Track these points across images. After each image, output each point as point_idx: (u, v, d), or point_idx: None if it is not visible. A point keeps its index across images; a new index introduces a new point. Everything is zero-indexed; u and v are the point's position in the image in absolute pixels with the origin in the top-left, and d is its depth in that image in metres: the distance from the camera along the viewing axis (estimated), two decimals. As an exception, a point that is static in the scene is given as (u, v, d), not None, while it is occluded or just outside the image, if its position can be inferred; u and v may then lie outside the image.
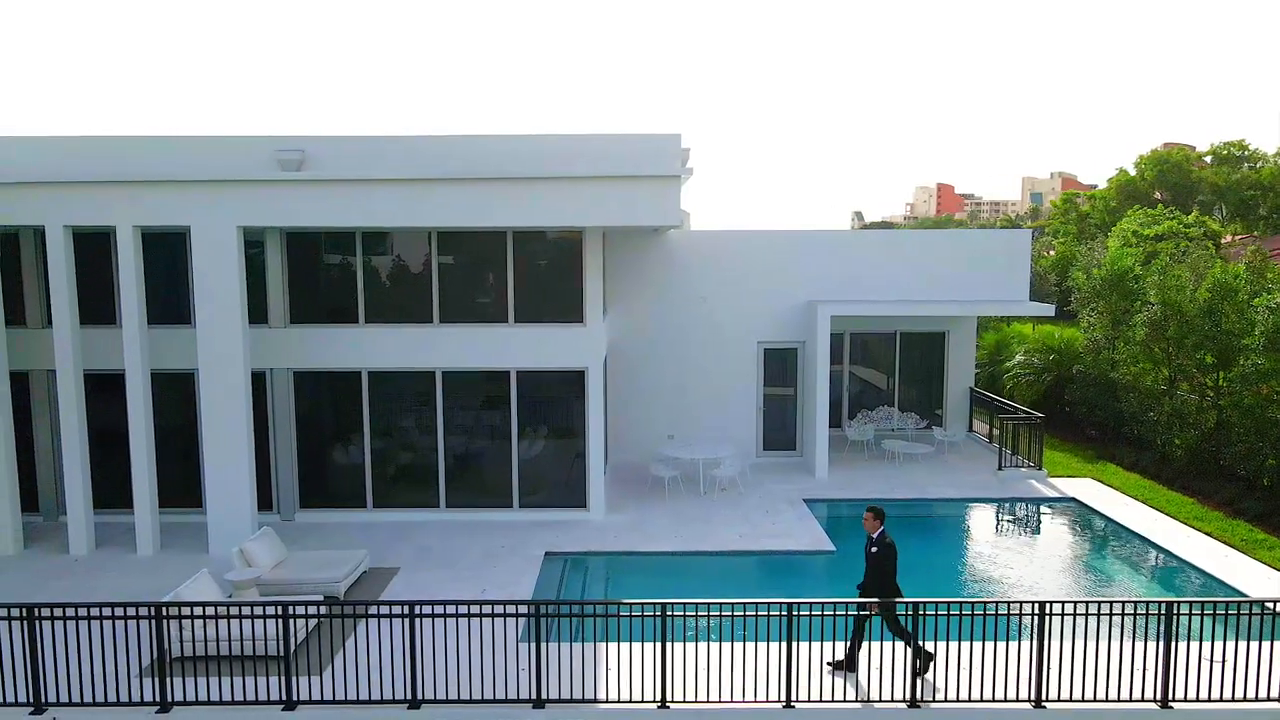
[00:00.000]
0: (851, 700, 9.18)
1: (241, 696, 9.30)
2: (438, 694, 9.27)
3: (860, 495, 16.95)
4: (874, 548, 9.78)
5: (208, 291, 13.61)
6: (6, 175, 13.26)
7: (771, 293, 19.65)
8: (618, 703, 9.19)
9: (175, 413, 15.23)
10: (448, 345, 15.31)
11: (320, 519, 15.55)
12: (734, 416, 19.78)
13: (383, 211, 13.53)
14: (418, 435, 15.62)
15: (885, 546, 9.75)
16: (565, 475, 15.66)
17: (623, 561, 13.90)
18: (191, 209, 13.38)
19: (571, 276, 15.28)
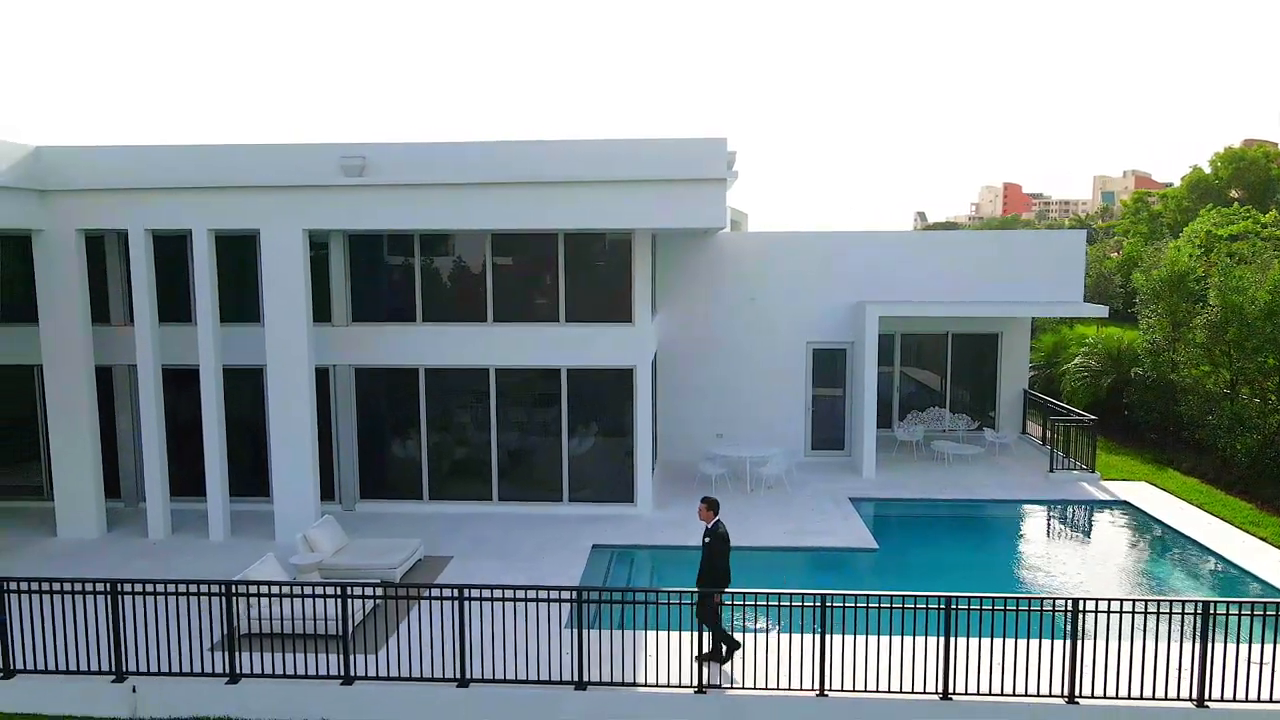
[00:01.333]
0: (884, 691, 9.39)
1: (304, 671, 9.90)
2: (485, 674, 9.76)
3: (908, 495, 17.05)
4: (707, 538, 10.05)
5: (276, 291, 14.35)
6: (92, 182, 14.16)
7: (820, 293, 19.80)
8: (656, 686, 9.55)
9: (245, 406, 16.04)
10: (501, 344, 15.85)
11: (379, 509, 16.22)
12: (782, 416, 19.97)
13: (440, 214, 14.11)
14: (472, 431, 16.19)
15: (717, 538, 10.01)
16: (614, 471, 16.07)
17: (668, 555, 14.24)
18: (261, 213, 14.13)
19: (621, 277, 15.69)
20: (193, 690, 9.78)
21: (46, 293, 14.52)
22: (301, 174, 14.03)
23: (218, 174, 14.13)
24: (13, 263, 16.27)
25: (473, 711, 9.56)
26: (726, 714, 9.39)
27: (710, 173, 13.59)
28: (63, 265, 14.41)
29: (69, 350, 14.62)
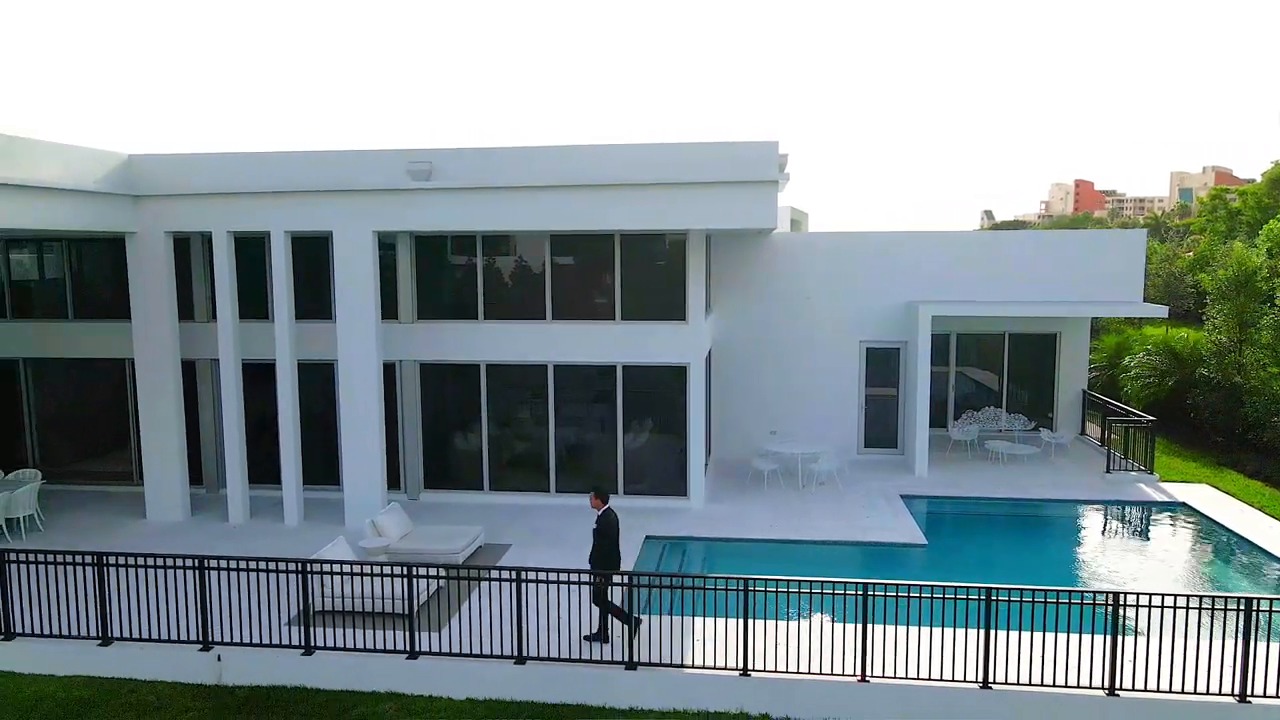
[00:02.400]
0: (924, 678, 9.65)
1: (372, 645, 10.56)
2: (541, 652, 10.29)
3: (960, 493, 17.14)
4: (595, 525, 10.69)
5: (347, 290, 15.13)
6: (180, 188, 15.10)
7: (874, 293, 19.95)
8: (703, 668, 9.96)
9: (316, 399, 16.90)
10: (559, 341, 16.41)
11: (441, 499, 16.93)
12: (835, 414, 20.17)
13: (501, 216, 14.72)
14: (531, 425, 16.79)
15: (604, 524, 10.65)
16: (667, 465, 16.51)
17: (719, 547, 14.63)
18: (334, 216, 14.92)
19: (675, 276, 16.12)
20: (271, 660, 10.51)
21: (138, 291, 15.53)
22: (372, 179, 14.76)
23: (294, 179, 14.94)
24: (105, 263, 17.40)
25: (529, 687, 10.09)
26: (770, 696, 9.75)
27: (762, 175, 13.94)
28: (153, 265, 15.40)
29: (158, 345, 15.62)
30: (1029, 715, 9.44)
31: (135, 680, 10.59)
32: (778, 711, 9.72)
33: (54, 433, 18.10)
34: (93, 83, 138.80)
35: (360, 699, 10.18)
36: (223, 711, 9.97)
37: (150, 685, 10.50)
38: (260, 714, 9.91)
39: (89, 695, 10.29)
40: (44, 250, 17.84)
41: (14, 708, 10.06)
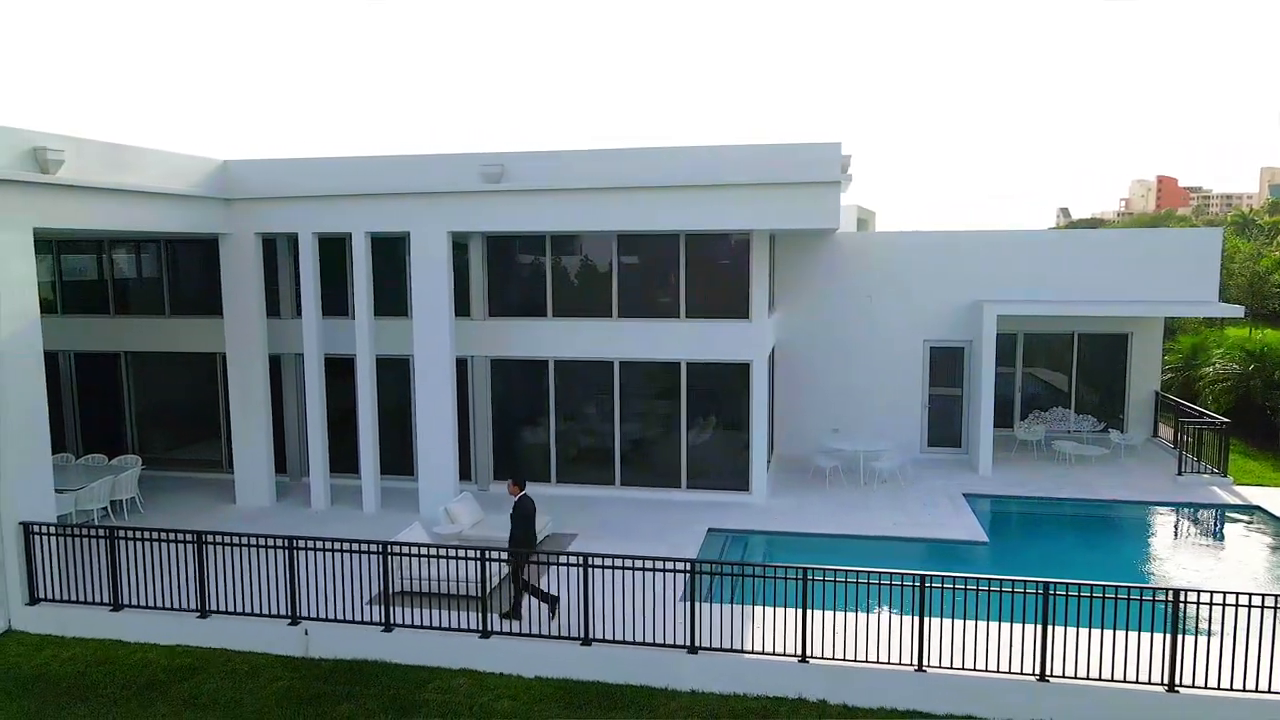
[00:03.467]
0: (980, 669, 9.82)
1: (447, 624, 11.15)
2: (606, 635, 10.74)
3: (1024, 493, 17.10)
4: (511, 510, 11.55)
5: (422, 288, 15.82)
6: (269, 191, 15.98)
7: (939, 292, 19.95)
8: (762, 654, 10.30)
9: (392, 393, 17.66)
10: (625, 338, 16.87)
11: (512, 490, 17.51)
12: (898, 413, 20.22)
13: (570, 217, 15.24)
14: (597, 419, 17.29)
15: (519, 509, 11.55)
16: (730, 460, 16.84)
17: (779, 541, 14.91)
18: (412, 217, 15.63)
19: (739, 275, 16.44)
20: (353, 635, 11.18)
21: (230, 289, 16.48)
22: (447, 181, 15.41)
23: (375, 183, 15.69)
24: (196, 263, 18.46)
25: (594, 668, 10.55)
26: (828, 682, 10.02)
27: (825, 176, 14.18)
28: (243, 265, 16.32)
29: (247, 340, 16.54)
30: (1086, 709, 9.54)
31: (230, 650, 11.37)
32: (835, 698, 10.00)
33: (151, 422, 19.27)
34: (181, 89, 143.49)
35: (436, 674, 10.77)
36: (310, 681, 10.66)
37: (244, 655, 11.26)
38: (344, 685, 10.57)
39: (190, 662, 11.10)
40: (141, 250, 19.00)
41: (120, 673, 10.91)
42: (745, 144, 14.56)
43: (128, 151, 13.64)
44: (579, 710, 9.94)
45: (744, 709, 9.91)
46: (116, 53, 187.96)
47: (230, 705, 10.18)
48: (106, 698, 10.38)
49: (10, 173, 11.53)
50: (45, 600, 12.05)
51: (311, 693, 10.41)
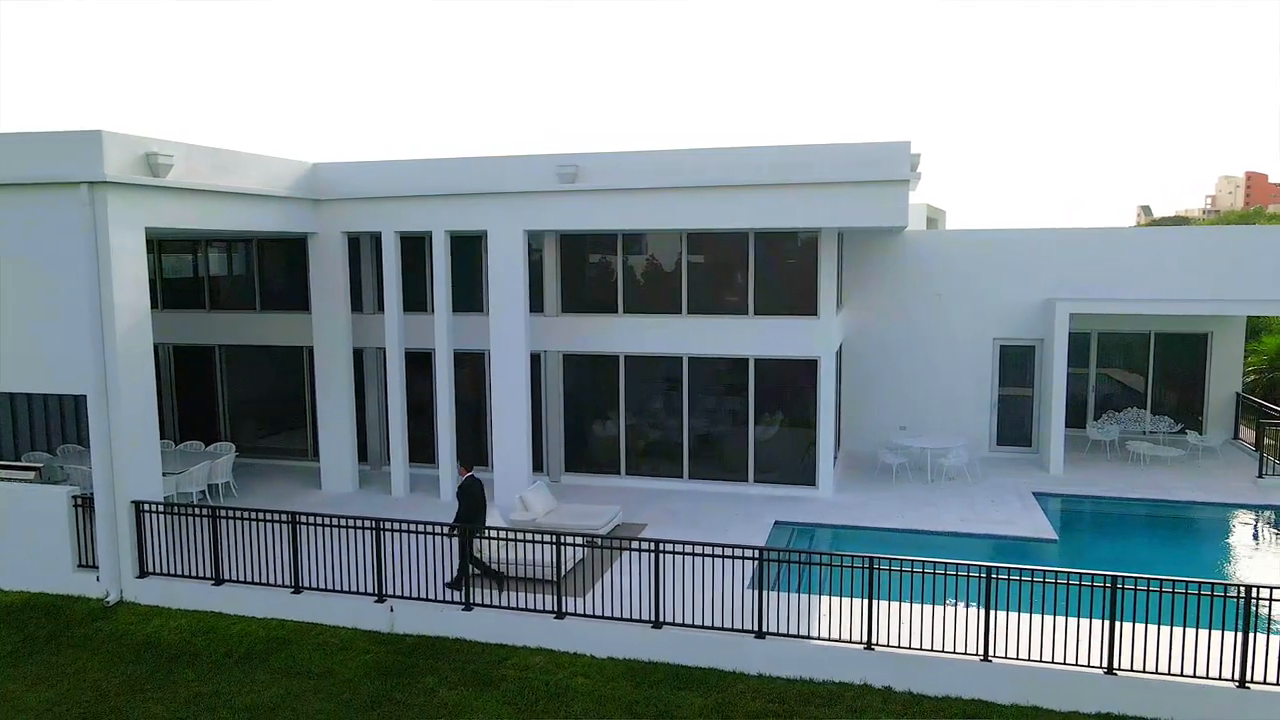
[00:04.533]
0: (1047, 661, 9.93)
1: (524, 605, 11.67)
2: (676, 618, 11.13)
3: (1096, 493, 16.94)
4: (457, 488, 12.38)
5: (499, 285, 16.42)
6: (355, 192, 16.76)
7: (1009, 290, 19.83)
8: (828, 640, 10.57)
9: (468, 386, 18.33)
10: (694, 334, 17.24)
11: (580, 482, 18.05)
12: (966, 410, 20.16)
13: (642, 216, 15.65)
14: (665, 414, 17.69)
15: (463, 488, 12.27)
16: (797, 455, 17.07)
17: (845, 534, 15.09)
18: (490, 217, 16.23)
19: (807, 272, 16.66)
20: (435, 613, 11.78)
21: (317, 286, 17.32)
22: (523, 182, 15.97)
23: (454, 183, 16.33)
24: (283, 260, 19.40)
25: (665, 649, 10.94)
26: (893, 670, 10.24)
27: (893, 175, 14.32)
28: (331, 263, 17.14)
29: (333, 334, 17.36)
30: (1154, 702, 9.57)
31: (322, 625, 12.08)
32: (900, 685, 10.21)
33: (242, 411, 20.32)
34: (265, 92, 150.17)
35: (513, 652, 11.29)
36: (396, 655, 11.28)
37: (334, 630, 11.96)
38: (427, 659, 11.16)
39: (285, 635, 11.83)
40: (232, 249, 20.04)
41: (222, 642, 11.70)
42: (815, 144, 14.78)
43: (228, 156, 14.51)
44: (650, 689, 10.34)
45: (810, 693, 10.19)
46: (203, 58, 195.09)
47: (323, 675, 10.85)
48: (210, 664, 11.16)
49: (126, 176, 12.43)
50: (153, 574, 12.95)
51: (397, 665, 11.03)
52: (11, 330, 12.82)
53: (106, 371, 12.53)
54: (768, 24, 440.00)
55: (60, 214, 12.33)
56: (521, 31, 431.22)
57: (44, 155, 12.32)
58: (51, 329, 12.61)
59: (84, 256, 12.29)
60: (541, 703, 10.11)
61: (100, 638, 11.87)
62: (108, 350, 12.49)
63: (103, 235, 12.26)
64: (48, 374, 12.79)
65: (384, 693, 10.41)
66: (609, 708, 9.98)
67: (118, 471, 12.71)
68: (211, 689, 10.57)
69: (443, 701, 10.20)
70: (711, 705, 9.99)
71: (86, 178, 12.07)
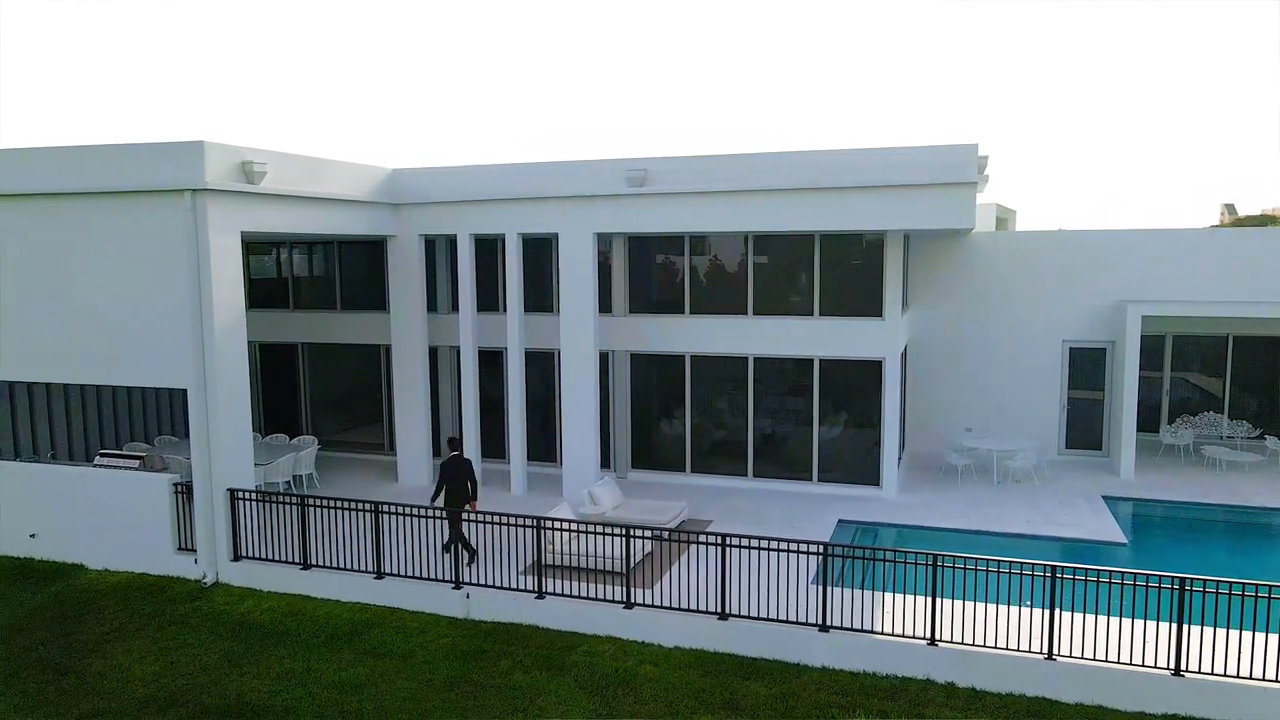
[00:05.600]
0: (1112, 661, 9.98)
1: (594, 595, 12.11)
2: (741, 611, 11.44)
3: (1168, 497, 16.72)
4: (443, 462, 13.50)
5: (569, 286, 16.92)
6: (432, 196, 17.43)
7: (1079, 292, 19.62)
8: (892, 635, 10.76)
9: (537, 384, 18.88)
10: (759, 334, 17.50)
11: (646, 478, 18.46)
12: (1034, 413, 20.00)
13: (709, 218, 15.97)
14: (730, 413, 17.98)
15: (444, 464, 13.39)
16: (861, 455, 17.21)
17: (909, 534, 15.20)
18: (560, 220, 16.74)
19: (873, 274, 16.79)
20: (509, 601, 12.29)
21: (396, 287, 18.04)
22: (593, 185, 16.43)
23: (526, 187, 16.88)
24: (362, 262, 20.21)
25: (730, 640, 11.26)
26: (956, 666, 10.39)
27: (961, 177, 14.39)
28: (408, 264, 17.85)
29: (410, 333, 18.07)
30: (1223, 704, 9.56)
31: (402, 609, 12.69)
32: (963, 681, 10.36)
33: (323, 406, 21.22)
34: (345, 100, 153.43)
35: (583, 639, 11.73)
36: (472, 639, 11.81)
37: (414, 614, 12.55)
38: (502, 643, 11.67)
39: (368, 618, 12.47)
40: (313, 251, 20.94)
41: (309, 623, 12.38)
42: (881, 147, 14.92)
43: (315, 163, 15.26)
44: (716, 678, 10.68)
45: (873, 686, 10.41)
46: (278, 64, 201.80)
47: (404, 656, 11.44)
48: (300, 643, 11.84)
49: (224, 184, 13.23)
50: (246, 558, 13.74)
51: (474, 649, 11.56)
52: (119, 327, 13.73)
53: (205, 367, 13.35)
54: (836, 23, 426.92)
55: (165, 219, 13.19)
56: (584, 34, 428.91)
57: (150, 164, 13.18)
58: (156, 326, 13.48)
59: (186, 259, 13.12)
60: (611, 688, 10.52)
61: (199, 616, 12.68)
62: (207, 347, 13.31)
63: (203, 239, 13.08)
64: (152, 369, 13.67)
65: (462, 674, 10.94)
66: (676, 694, 10.34)
67: (215, 461, 13.52)
68: (302, 666, 11.23)
69: (517, 684, 10.68)
70: (776, 695, 10.28)
71: (190, 185, 12.89)
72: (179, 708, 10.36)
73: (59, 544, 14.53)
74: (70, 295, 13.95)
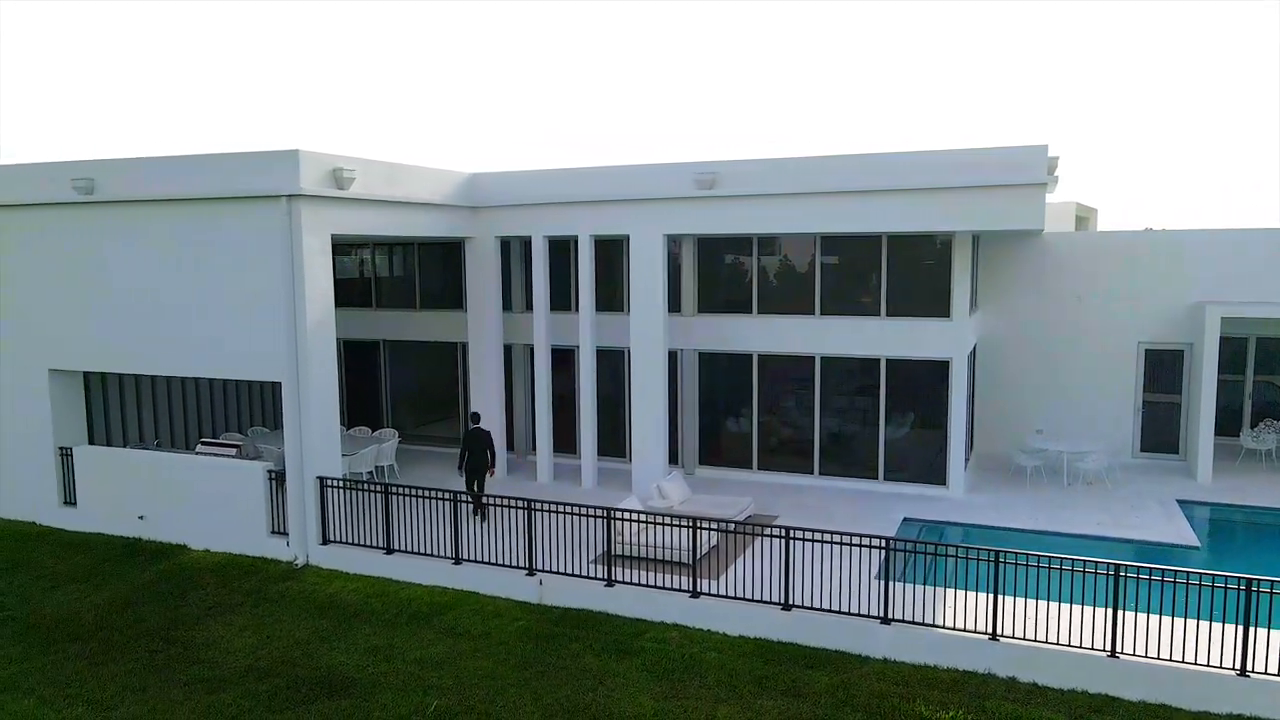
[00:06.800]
0: (1176, 660, 10.01)
1: (662, 584, 12.55)
2: (805, 602, 11.75)
3: (1248, 502, 16.40)
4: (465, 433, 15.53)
5: (639, 286, 17.40)
6: (508, 199, 18.10)
7: (1154, 293, 19.32)
8: (953, 629, 10.96)
9: (607, 382, 19.42)
10: (826, 334, 17.73)
11: (714, 475, 18.84)
12: (1106, 415, 19.75)
13: (778, 220, 16.27)
14: (797, 411, 18.25)
15: (465, 434, 15.56)
16: (927, 454, 17.30)
17: (975, 533, 15.26)
18: (631, 222, 17.24)
19: (940, 274, 16.87)
20: (580, 588, 12.82)
21: (473, 287, 18.79)
22: (663, 188, 16.88)
23: (598, 190, 17.42)
24: (439, 263, 21.04)
25: (793, 631, 11.59)
26: (1018, 661, 10.53)
27: (1030, 178, 14.42)
28: (485, 265, 18.57)
29: (486, 331, 18.79)
30: (1291, 707, 9.53)
31: (478, 593, 13.34)
32: (1024, 676, 10.50)
33: (402, 401, 22.15)
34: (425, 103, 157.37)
35: (650, 626, 12.19)
36: (544, 623, 12.38)
37: (489, 598, 13.19)
38: (572, 628, 12.20)
39: (446, 600, 13.15)
40: (392, 252, 21.86)
41: (393, 604, 13.11)
42: (950, 149, 15.02)
43: (398, 169, 16.06)
44: (779, 665, 11.02)
45: (934, 678, 10.62)
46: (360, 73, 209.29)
47: (481, 636, 12.06)
48: (384, 622, 12.57)
49: (317, 189, 14.07)
50: (333, 542, 14.58)
51: (546, 632, 12.12)
52: (219, 324, 14.71)
53: (299, 362, 14.22)
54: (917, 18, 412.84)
55: (263, 223, 14.10)
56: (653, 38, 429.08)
57: (251, 172, 14.11)
58: (255, 323, 14.41)
59: (282, 260, 14.00)
60: (677, 672, 10.96)
61: (291, 595, 13.53)
62: (300, 343, 14.18)
63: (297, 241, 13.94)
64: (251, 363, 14.61)
65: (535, 655, 11.50)
66: (739, 680, 10.71)
67: (306, 450, 14.38)
68: (386, 643, 11.94)
69: (587, 666, 11.19)
70: (837, 684, 10.58)
71: (286, 191, 13.77)
72: (275, 677, 11.14)
73: (165, 526, 15.61)
74: (176, 293, 14.99)
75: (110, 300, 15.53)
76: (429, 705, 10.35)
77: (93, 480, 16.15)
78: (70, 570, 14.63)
